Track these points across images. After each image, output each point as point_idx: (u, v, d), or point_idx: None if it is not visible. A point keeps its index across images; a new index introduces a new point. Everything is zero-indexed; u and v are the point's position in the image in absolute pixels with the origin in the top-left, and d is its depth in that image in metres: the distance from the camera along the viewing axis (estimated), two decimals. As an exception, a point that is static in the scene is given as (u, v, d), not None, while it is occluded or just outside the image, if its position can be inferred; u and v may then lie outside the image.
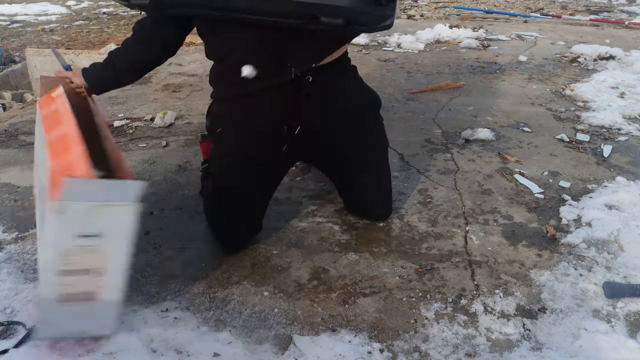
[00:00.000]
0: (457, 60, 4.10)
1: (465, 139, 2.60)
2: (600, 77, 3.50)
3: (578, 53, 4.14)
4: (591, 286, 1.58)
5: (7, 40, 6.95)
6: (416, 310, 1.51)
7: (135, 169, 2.35)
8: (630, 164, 2.36)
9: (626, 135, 2.66)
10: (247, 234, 1.78)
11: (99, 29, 7.10)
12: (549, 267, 1.68)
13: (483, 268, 1.68)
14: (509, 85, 3.46)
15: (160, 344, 1.41)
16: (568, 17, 5.97)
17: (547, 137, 2.65)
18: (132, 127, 2.84)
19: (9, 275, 1.69)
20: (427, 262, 1.71)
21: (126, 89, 3.50)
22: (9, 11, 8.65)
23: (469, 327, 1.45)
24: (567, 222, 1.91)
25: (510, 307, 1.51)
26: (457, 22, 5.48)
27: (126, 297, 1.58)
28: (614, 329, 1.43)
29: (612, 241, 1.77)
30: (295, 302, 1.55)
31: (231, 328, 1.46)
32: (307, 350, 1.36)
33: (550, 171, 2.30)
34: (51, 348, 1.40)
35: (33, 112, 3.11)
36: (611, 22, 5.65)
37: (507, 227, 1.90)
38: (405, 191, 2.13)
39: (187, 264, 1.72)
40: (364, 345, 1.39)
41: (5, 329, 1.47)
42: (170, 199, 2.11)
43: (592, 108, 3.01)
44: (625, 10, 6.56)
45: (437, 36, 4.77)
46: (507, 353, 1.36)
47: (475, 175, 2.26)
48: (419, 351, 1.37)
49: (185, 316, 1.50)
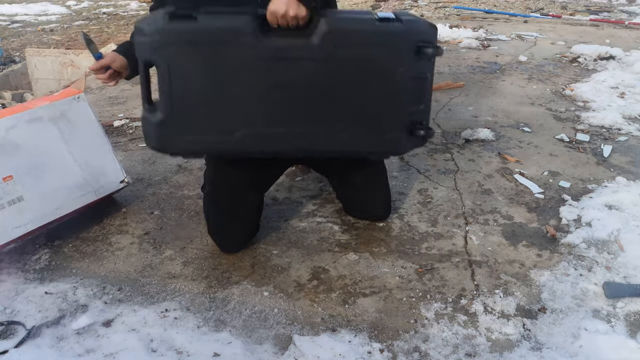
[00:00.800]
0: (457, 60, 4.10)
1: (465, 139, 2.60)
2: (600, 77, 3.50)
3: (578, 53, 4.14)
4: (591, 286, 1.58)
5: (7, 40, 6.96)
6: (416, 310, 1.51)
7: (135, 169, 2.35)
8: (630, 164, 2.36)
9: (626, 135, 2.66)
10: (244, 234, 1.78)
11: (99, 29, 7.10)
12: (549, 267, 1.68)
13: (483, 268, 1.68)
14: (509, 85, 3.46)
15: (160, 344, 1.41)
16: (568, 17, 5.97)
17: (547, 137, 2.65)
18: (132, 127, 2.84)
19: (9, 275, 1.69)
20: (427, 262, 1.71)
21: (126, 89, 3.50)
22: (9, 11, 8.66)
23: (469, 327, 1.45)
24: (567, 222, 1.90)
25: (510, 307, 1.51)
26: (457, 22, 5.48)
27: (126, 297, 1.58)
28: (614, 329, 1.43)
29: (612, 241, 1.77)
30: (295, 302, 1.55)
31: (231, 328, 1.46)
32: (307, 350, 1.36)
33: (550, 171, 2.29)
34: (51, 348, 1.40)
35: (33, 112, 3.12)
36: (611, 22, 5.65)
37: (507, 227, 1.90)
38: (405, 191, 2.13)
39: (187, 264, 1.72)
40: (364, 345, 1.39)
41: (5, 329, 1.47)
42: (170, 199, 2.11)
43: (592, 108, 3.00)
44: (625, 10, 6.56)
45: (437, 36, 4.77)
46: (507, 353, 1.36)
47: (475, 175, 2.26)
48: (419, 351, 1.37)
49: (185, 316, 1.50)
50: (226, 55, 1.35)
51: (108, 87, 3.55)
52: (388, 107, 1.43)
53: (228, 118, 1.40)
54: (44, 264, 1.74)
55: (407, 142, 1.49)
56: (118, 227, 1.93)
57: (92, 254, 1.79)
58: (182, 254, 1.77)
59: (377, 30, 1.35)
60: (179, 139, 1.43)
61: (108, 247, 1.83)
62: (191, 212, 2.01)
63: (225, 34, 1.33)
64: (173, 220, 1.97)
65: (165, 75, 1.36)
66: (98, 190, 1.91)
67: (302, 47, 1.34)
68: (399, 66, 1.38)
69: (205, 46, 1.34)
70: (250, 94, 1.38)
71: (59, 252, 1.80)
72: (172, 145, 1.45)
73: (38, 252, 1.80)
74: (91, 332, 1.45)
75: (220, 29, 1.33)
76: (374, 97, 1.41)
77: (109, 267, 1.72)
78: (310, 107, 1.40)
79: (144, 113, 1.44)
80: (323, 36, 1.33)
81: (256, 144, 1.44)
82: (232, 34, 1.33)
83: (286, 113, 1.40)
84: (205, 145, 1.46)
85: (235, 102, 1.36)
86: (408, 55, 1.37)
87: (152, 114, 1.42)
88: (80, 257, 1.78)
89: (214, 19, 1.33)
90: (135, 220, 1.97)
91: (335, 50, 1.34)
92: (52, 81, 5.06)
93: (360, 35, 1.35)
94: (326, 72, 1.36)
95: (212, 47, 1.34)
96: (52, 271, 1.71)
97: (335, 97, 1.40)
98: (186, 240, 1.84)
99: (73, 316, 1.51)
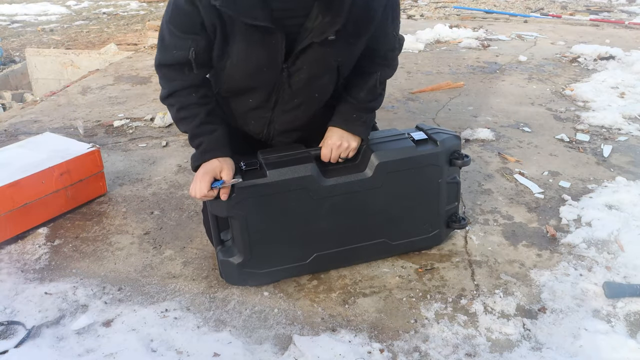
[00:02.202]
0: (457, 60, 4.09)
1: (465, 139, 2.60)
2: (600, 77, 3.49)
3: (578, 53, 4.14)
4: (591, 286, 1.58)
5: (7, 40, 6.96)
6: (416, 310, 1.51)
7: (135, 169, 2.35)
8: (630, 164, 2.36)
9: (626, 135, 2.66)
10: None
11: (99, 29, 7.10)
12: (549, 267, 1.68)
13: (483, 268, 1.68)
14: (509, 85, 3.46)
15: (160, 344, 1.41)
16: (568, 17, 5.97)
17: (547, 137, 2.65)
18: (132, 127, 2.84)
19: (9, 275, 1.69)
20: (427, 262, 1.71)
21: (126, 89, 3.50)
22: (9, 11, 8.66)
23: (469, 327, 1.45)
24: (567, 222, 1.90)
25: (510, 307, 1.51)
26: (457, 22, 5.48)
27: (126, 297, 1.58)
28: (614, 329, 1.43)
29: (612, 241, 1.77)
30: (295, 302, 1.55)
31: (231, 328, 1.46)
32: (307, 350, 1.36)
33: (550, 171, 2.29)
34: (51, 348, 1.40)
35: (33, 112, 3.12)
36: (611, 22, 5.65)
37: (507, 227, 1.90)
38: (405, 191, 2.13)
39: (187, 264, 1.72)
40: (364, 345, 1.39)
41: (5, 329, 1.47)
42: (170, 199, 2.11)
43: (592, 108, 3.00)
44: (625, 10, 6.55)
45: (437, 36, 4.76)
46: (507, 353, 1.36)
47: (475, 175, 2.26)
48: (419, 351, 1.37)
49: (185, 316, 1.50)
50: (294, 198, 1.51)
51: (109, 87, 3.55)
52: (431, 211, 1.69)
53: (300, 249, 1.59)
54: (44, 264, 1.74)
55: (446, 232, 1.78)
56: (118, 227, 1.93)
57: (92, 254, 1.79)
58: (182, 254, 1.77)
59: (419, 155, 1.58)
60: (259, 274, 1.58)
61: (108, 247, 1.83)
62: (191, 212, 2.01)
63: (293, 183, 1.49)
64: (173, 220, 1.97)
65: (243, 226, 1.50)
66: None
67: (359, 182, 1.55)
68: (438, 177, 1.63)
69: (277, 196, 1.49)
70: (317, 226, 1.57)
71: (59, 252, 1.80)
72: (253, 280, 1.60)
73: (38, 252, 1.80)
74: (91, 332, 1.45)
75: (288, 181, 1.49)
76: (420, 205, 1.66)
77: (109, 267, 1.72)
78: (370, 225, 1.62)
79: (221, 256, 1.57)
80: (375, 170, 1.54)
81: (326, 263, 1.65)
82: (299, 181, 1.49)
83: (348, 234, 1.62)
84: (283, 273, 1.62)
85: (305, 235, 1.56)
86: (444, 167, 1.63)
87: (230, 257, 1.56)
88: (80, 257, 1.78)
89: (282, 173, 1.48)
90: (135, 220, 1.97)
91: (387, 177, 1.56)
92: (52, 81, 5.07)
93: (406, 162, 1.57)
94: (378, 196, 1.58)
95: (283, 194, 1.50)
96: (52, 271, 1.71)
97: (386, 212, 1.62)
98: (186, 240, 1.84)
99: (73, 316, 1.51)
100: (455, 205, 1.73)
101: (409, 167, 1.57)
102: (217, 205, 1.48)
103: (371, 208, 1.60)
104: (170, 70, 1.44)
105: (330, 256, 1.62)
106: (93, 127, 2.87)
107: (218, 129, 1.47)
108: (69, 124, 2.90)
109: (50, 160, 1.96)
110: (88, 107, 3.18)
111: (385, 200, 1.59)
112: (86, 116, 3.03)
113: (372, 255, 1.69)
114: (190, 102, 1.45)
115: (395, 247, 1.68)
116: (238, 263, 1.55)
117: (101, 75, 3.87)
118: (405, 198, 1.62)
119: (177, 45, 1.40)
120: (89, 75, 3.97)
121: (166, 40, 1.42)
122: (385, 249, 1.68)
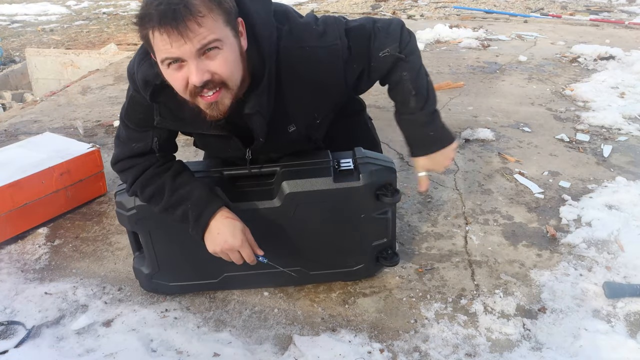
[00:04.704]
0: (457, 60, 4.09)
1: (465, 139, 2.60)
2: (600, 77, 3.49)
3: (578, 53, 4.14)
4: (591, 286, 1.58)
5: (7, 40, 6.95)
6: (416, 310, 1.51)
7: (135, 169, 2.35)
8: (630, 164, 2.36)
9: (626, 135, 2.66)
10: None
11: (99, 29, 7.09)
12: (549, 267, 1.68)
13: (483, 268, 1.68)
14: (509, 85, 3.46)
15: (160, 344, 1.41)
16: (568, 17, 5.97)
17: (547, 137, 2.65)
18: (132, 127, 2.83)
19: (9, 275, 1.69)
20: (427, 262, 1.71)
21: (126, 89, 3.49)
22: (9, 11, 8.66)
23: (469, 327, 1.45)
24: (567, 222, 1.90)
25: (510, 307, 1.51)
26: (457, 22, 5.48)
27: (126, 297, 1.58)
28: (614, 329, 1.43)
29: (612, 241, 1.77)
30: (295, 302, 1.55)
31: (231, 328, 1.46)
32: (307, 350, 1.36)
33: (550, 171, 2.29)
34: (51, 348, 1.40)
35: (33, 112, 3.12)
36: (611, 22, 5.64)
37: (507, 227, 1.90)
38: (405, 191, 2.13)
39: (187, 264, 1.72)
40: (364, 345, 1.39)
41: (5, 329, 1.47)
42: (170, 199, 2.11)
43: (592, 108, 3.00)
44: (625, 10, 6.55)
45: (437, 36, 4.76)
46: (507, 353, 1.36)
47: (475, 175, 2.26)
48: (419, 351, 1.37)
49: (185, 316, 1.50)
50: None
51: (109, 87, 3.55)
52: (353, 245, 1.54)
53: (209, 268, 1.52)
54: (44, 264, 1.74)
55: (374, 267, 1.62)
56: (118, 227, 1.93)
57: (92, 254, 1.79)
58: (182, 254, 1.77)
59: (335, 189, 1.42)
60: (167, 286, 1.58)
61: (108, 247, 1.83)
62: (191, 212, 2.01)
63: None
64: (173, 220, 1.97)
65: (147, 241, 1.49)
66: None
67: (266, 210, 1.44)
68: (360, 213, 1.48)
69: None
70: None
71: (59, 252, 1.80)
72: (162, 290, 1.59)
73: (38, 252, 1.80)
74: (91, 332, 1.45)
75: None
76: (339, 238, 1.52)
77: (109, 267, 1.72)
78: (282, 252, 1.48)
79: (135, 263, 1.58)
80: (285, 199, 1.42)
81: (238, 284, 1.59)
82: None
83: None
84: (192, 287, 1.59)
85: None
86: (367, 203, 1.46)
87: (141, 266, 1.56)
88: (80, 257, 1.78)
89: None
90: (135, 220, 1.97)
91: (299, 208, 1.44)
92: (52, 81, 5.07)
93: (320, 194, 1.43)
94: (291, 225, 1.47)
95: None
96: (52, 271, 1.71)
97: (300, 242, 1.50)
98: (186, 240, 1.84)
99: (73, 316, 1.51)
100: (385, 242, 1.56)
101: (323, 200, 1.43)
102: (122, 219, 1.48)
103: (283, 236, 1.48)
104: (130, 160, 1.38)
105: (241, 278, 1.54)
106: (93, 127, 2.87)
107: (192, 185, 1.35)
108: (69, 124, 2.90)
109: (50, 160, 1.96)
110: (88, 107, 3.18)
111: (298, 231, 1.48)
112: (86, 116, 3.03)
113: (288, 282, 1.58)
114: (152, 175, 1.37)
115: (313, 276, 1.58)
116: (147, 273, 1.55)
117: (101, 75, 3.87)
118: (320, 231, 1.49)
119: (137, 138, 1.35)
120: (89, 75, 3.97)
121: (123, 137, 1.38)
122: (302, 277, 1.56)
